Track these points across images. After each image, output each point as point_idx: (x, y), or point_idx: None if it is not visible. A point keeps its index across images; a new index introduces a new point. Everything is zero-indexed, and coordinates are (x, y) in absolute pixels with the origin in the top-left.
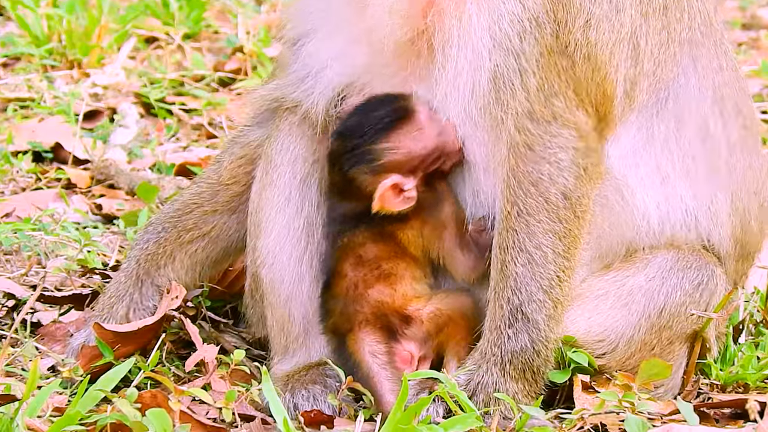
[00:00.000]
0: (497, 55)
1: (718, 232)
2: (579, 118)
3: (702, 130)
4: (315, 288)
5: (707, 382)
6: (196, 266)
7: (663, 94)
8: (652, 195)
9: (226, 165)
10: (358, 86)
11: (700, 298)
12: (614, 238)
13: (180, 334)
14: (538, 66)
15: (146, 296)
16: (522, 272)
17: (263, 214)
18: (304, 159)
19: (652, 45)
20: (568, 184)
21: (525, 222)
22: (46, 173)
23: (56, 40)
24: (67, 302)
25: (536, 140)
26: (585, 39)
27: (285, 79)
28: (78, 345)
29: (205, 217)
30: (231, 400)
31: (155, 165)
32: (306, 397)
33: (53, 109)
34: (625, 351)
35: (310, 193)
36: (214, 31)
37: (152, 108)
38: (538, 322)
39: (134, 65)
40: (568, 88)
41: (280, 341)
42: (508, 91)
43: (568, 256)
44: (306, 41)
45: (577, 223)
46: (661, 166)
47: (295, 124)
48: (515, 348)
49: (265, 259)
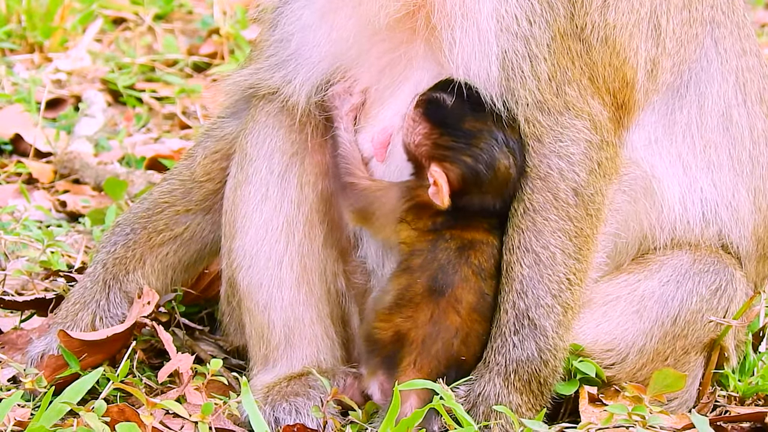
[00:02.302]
0: (504, 40)
1: (739, 230)
2: (594, 108)
3: (725, 118)
4: (296, 292)
5: (724, 394)
6: (167, 270)
7: (686, 77)
8: (673, 186)
9: (200, 160)
10: (343, 70)
11: (718, 304)
12: (631, 234)
13: (152, 342)
14: (549, 51)
15: (114, 303)
16: (528, 274)
17: (238, 212)
18: (282, 152)
19: (674, 24)
20: (579, 180)
21: (531, 219)
22: (5, 167)
23: (15, 21)
24: (29, 307)
25: (546, 132)
26: (603, 20)
27: (262, 63)
28: (38, 354)
29: (177, 217)
30: (207, 413)
31: (124, 158)
32: (288, 410)
33: (12, 97)
34: (636, 361)
35: (289, 189)
36: (187, 12)
37: (120, 96)
38: (546, 329)
39: (100, 49)
40: (582, 75)
41: (260, 350)
42: (517, 79)
43: (579, 257)
44: (286, 20)
45: (590, 221)
46: (682, 155)
47: (272, 114)
48: (521, 357)
49: (242, 262)
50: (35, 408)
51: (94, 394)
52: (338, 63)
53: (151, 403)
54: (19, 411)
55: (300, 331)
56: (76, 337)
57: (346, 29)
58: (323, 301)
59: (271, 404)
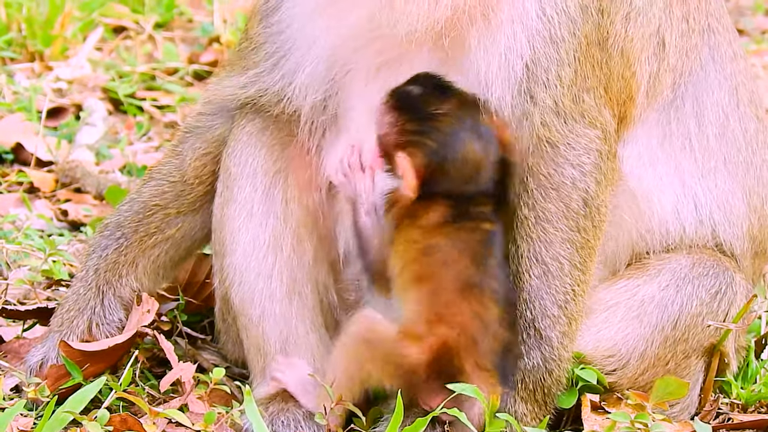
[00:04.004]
0: (537, 42)
1: (734, 231)
2: (605, 119)
3: (721, 124)
4: (288, 304)
5: (727, 402)
6: (158, 270)
7: (683, 90)
8: (667, 193)
9: (190, 162)
10: (341, 63)
11: (718, 308)
12: (623, 240)
13: (154, 350)
14: (575, 58)
15: (109, 309)
16: (536, 285)
17: (226, 230)
18: (264, 172)
19: (677, 37)
20: (590, 191)
21: (543, 229)
22: (6, 176)
23: (15, 30)
24: (32, 316)
25: (561, 139)
26: (624, 32)
27: (261, 66)
28: (36, 362)
29: (168, 219)
30: (210, 422)
31: (125, 167)
32: (286, 423)
33: (13, 105)
34: (637, 367)
35: (275, 206)
36: (188, 19)
37: (121, 104)
38: (552, 339)
39: (101, 57)
40: (599, 84)
41: (258, 363)
42: (540, 81)
43: (583, 269)
44: (284, 14)
45: (594, 233)
46: (680, 164)
47: (253, 134)
48: (526, 366)
49: (233, 279)
50: (38, 417)
51: (96, 403)
52: (337, 58)
53: (154, 412)
54: (21, 420)
55: (295, 341)
56: (78, 347)
57: (347, 25)
58: (317, 311)
59: (271, 416)
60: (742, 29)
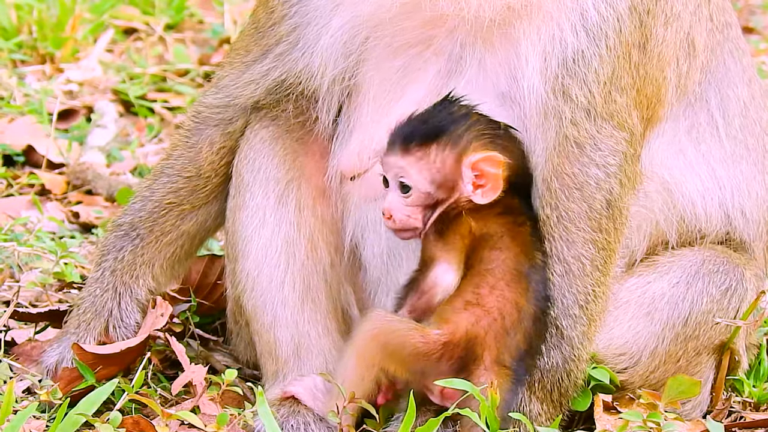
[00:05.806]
0: (582, 36)
1: (752, 213)
2: (633, 121)
3: (743, 116)
4: (300, 310)
5: (739, 400)
6: (174, 265)
7: (706, 85)
8: (690, 184)
9: (206, 156)
10: (364, 35)
11: (729, 304)
12: (645, 230)
13: (166, 352)
14: (614, 56)
15: (126, 312)
16: (558, 283)
17: (239, 236)
18: (276, 180)
19: (705, 36)
20: (613, 192)
21: (565, 228)
22: (17, 178)
23: (26, 32)
24: (44, 319)
25: (588, 139)
26: (663, 36)
27: (273, 46)
28: (52, 363)
29: (183, 215)
30: (223, 424)
31: (136, 168)
32: (296, 427)
33: (24, 108)
34: (649, 364)
35: (288, 214)
36: (198, 21)
37: (132, 106)
38: (573, 339)
39: (112, 59)
40: (632, 86)
41: (270, 367)
42: (579, 77)
43: (604, 270)
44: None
45: (615, 234)
46: (708, 151)
47: (266, 142)
48: (545, 365)
49: (246, 285)
50: (50, 420)
51: (109, 406)
52: (361, 29)
53: (166, 414)
54: (34, 423)
55: (308, 345)
56: (90, 350)
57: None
58: (330, 316)
59: (281, 418)
60: (753, 27)
